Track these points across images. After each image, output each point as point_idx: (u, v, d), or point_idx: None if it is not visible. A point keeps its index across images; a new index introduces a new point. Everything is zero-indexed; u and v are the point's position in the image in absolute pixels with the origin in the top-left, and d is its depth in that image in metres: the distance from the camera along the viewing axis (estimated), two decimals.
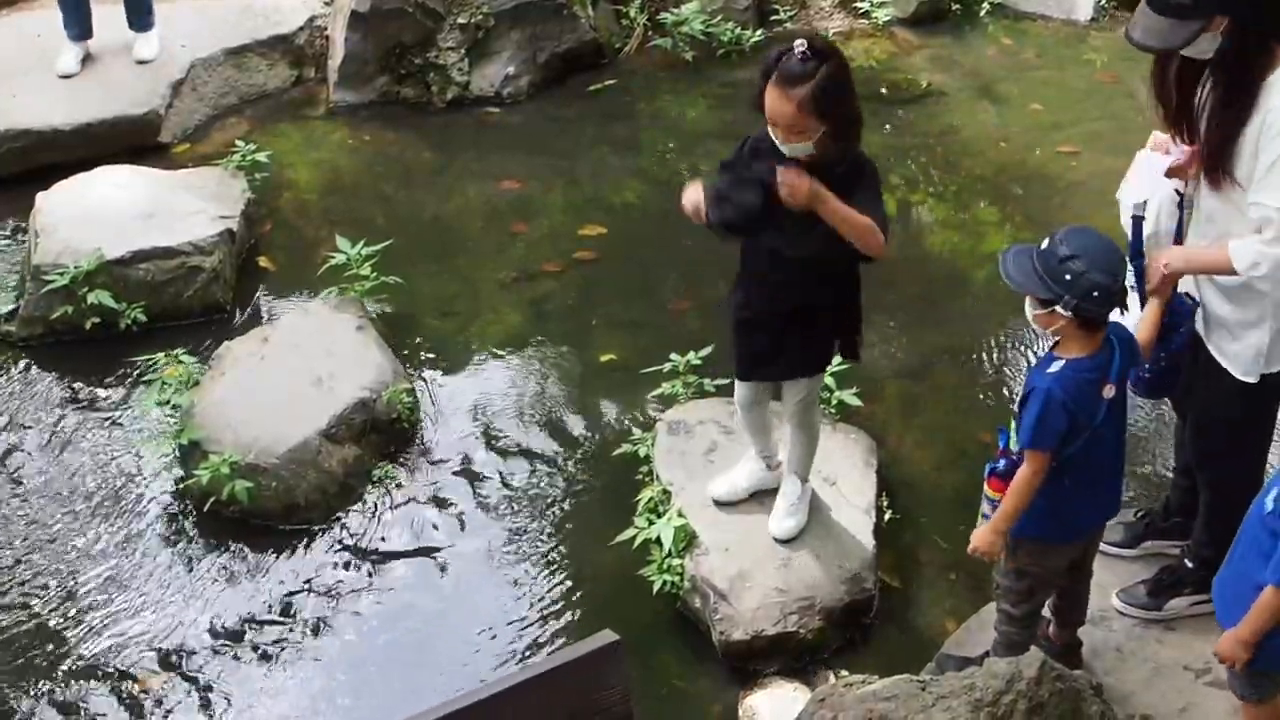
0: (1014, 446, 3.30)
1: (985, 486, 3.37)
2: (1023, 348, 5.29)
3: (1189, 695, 3.57)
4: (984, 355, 5.26)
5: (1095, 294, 3.06)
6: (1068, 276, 3.06)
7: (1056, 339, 3.24)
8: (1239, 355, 3.41)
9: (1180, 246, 3.47)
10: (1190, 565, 3.77)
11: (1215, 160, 3.29)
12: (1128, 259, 3.41)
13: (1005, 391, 5.06)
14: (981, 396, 5.05)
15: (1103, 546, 3.77)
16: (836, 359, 4.07)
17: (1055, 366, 3.18)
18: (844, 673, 3.86)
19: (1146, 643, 3.72)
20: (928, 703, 2.63)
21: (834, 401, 4.61)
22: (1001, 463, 3.31)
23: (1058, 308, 3.09)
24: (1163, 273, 3.38)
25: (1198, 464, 3.69)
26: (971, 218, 6.18)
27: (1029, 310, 3.22)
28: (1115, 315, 3.22)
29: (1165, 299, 3.42)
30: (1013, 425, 3.31)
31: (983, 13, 7.84)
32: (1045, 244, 3.16)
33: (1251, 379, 3.41)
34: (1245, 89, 3.19)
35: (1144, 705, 3.52)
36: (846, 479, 4.33)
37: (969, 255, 5.94)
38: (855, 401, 4.60)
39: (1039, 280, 3.10)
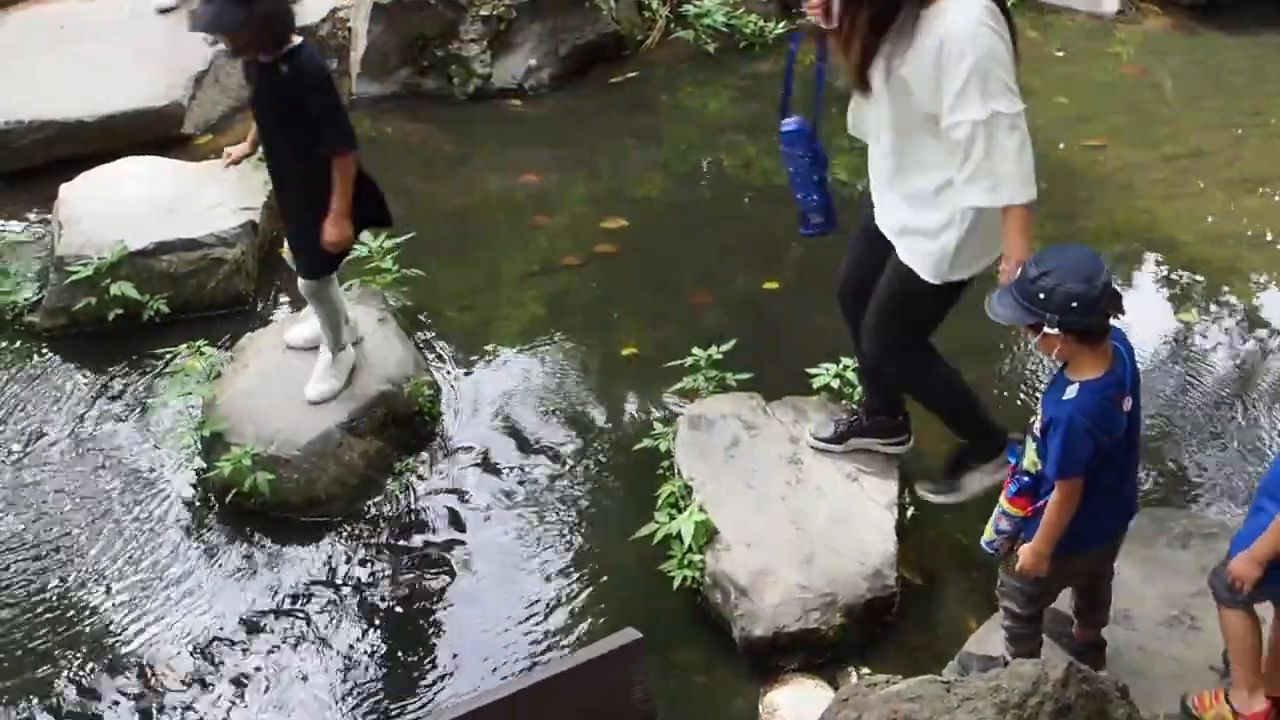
0: (1025, 465, 3.29)
1: (1003, 501, 3.36)
2: None
3: None
4: (1008, 351, 5.23)
5: (1074, 304, 3.02)
6: (1041, 295, 3.05)
7: (1064, 361, 3.20)
8: (928, 258, 3.72)
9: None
10: (866, 418, 4.35)
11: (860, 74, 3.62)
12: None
13: (1029, 388, 5.03)
14: (1005, 392, 5.02)
15: (816, 443, 4.36)
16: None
17: (1071, 392, 3.14)
18: (865, 670, 3.85)
19: (1171, 642, 3.69)
20: (953, 704, 2.61)
21: (855, 396, 4.58)
22: (1019, 481, 3.29)
23: (1046, 329, 3.06)
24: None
25: (874, 353, 4.07)
26: None
27: (1035, 342, 3.18)
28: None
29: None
30: (1028, 445, 3.30)
31: (1009, 5, 7.78)
32: (1019, 273, 3.17)
33: (937, 281, 3.75)
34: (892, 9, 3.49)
35: (1168, 705, 3.50)
36: (869, 475, 4.31)
37: None
38: None
39: (1019, 308, 3.10)
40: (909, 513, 4.34)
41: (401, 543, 4.48)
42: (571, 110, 7.05)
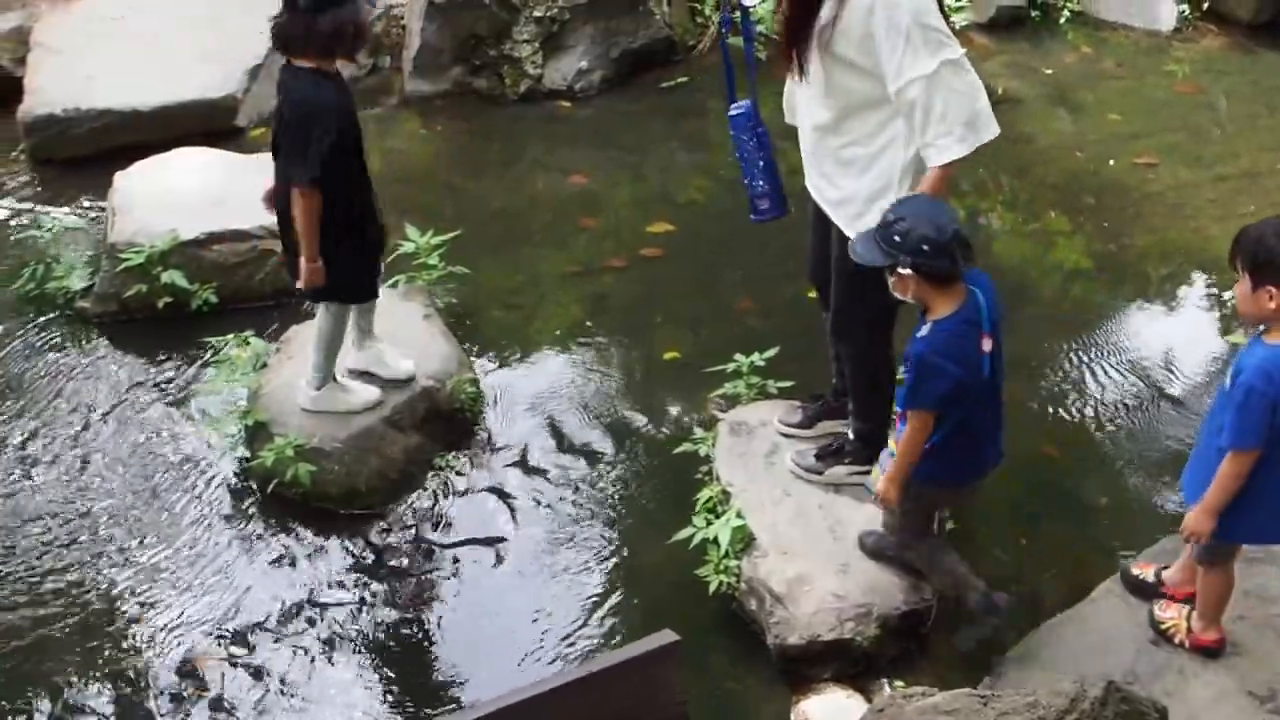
0: None
1: (891, 443, 3.65)
2: (1089, 361, 5.21)
3: None
4: (1049, 367, 5.19)
5: (925, 247, 3.30)
6: (897, 238, 3.33)
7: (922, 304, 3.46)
8: (864, 226, 3.65)
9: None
10: (851, 438, 4.22)
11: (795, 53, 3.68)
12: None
13: (1069, 404, 5.00)
14: (1045, 407, 4.98)
15: (783, 429, 4.38)
16: None
17: (924, 330, 3.42)
18: (899, 683, 3.84)
19: (1209, 666, 3.65)
20: (989, 718, 2.60)
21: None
22: (902, 425, 3.57)
23: (900, 269, 3.35)
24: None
25: (842, 347, 4.10)
26: (1042, 227, 6.11)
27: (892, 283, 3.44)
28: None
29: None
30: None
31: (1062, 20, 7.76)
32: (880, 219, 3.44)
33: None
34: None
35: None
36: None
37: (1037, 264, 5.87)
38: None
39: (878, 249, 3.38)
40: (947, 526, 4.31)
41: (439, 538, 4.51)
42: (621, 113, 7.07)
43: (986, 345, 3.41)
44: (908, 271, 3.34)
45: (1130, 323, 5.47)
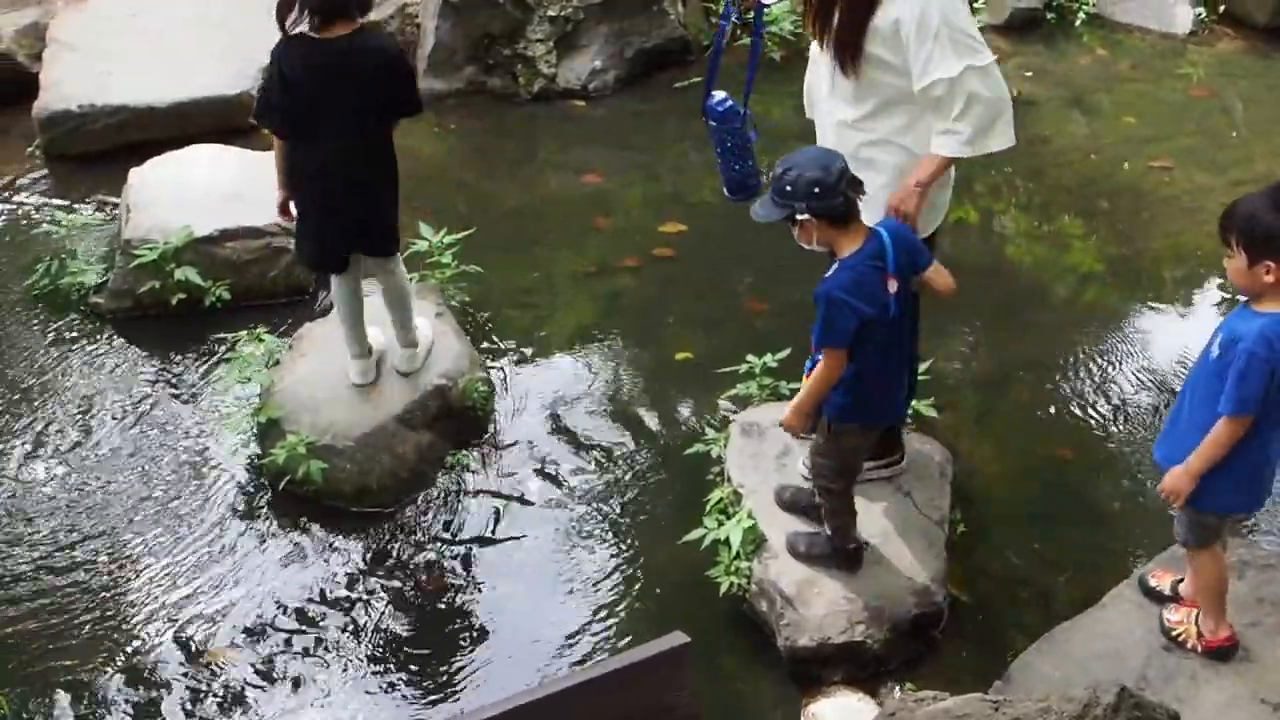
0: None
1: (804, 381, 3.72)
2: (1103, 364, 5.20)
3: None
4: (1063, 368, 5.18)
5: (816, 189, 3.42)
6: (788, 187, 3.45)
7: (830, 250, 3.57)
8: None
9: (902, 190, 3.76)
10: None
11: (844, 51, 3.69)
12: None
13: (1083, 405, 4.98)
14: (1060, 410, 4.97)
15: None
16: None
17: (831, 269, 3.54)
18: (909, 686, 3.83)
19: (1222, 671, 3.64)
20: None
21: (908, 411, 4.56)
22: (814, 359, 3.65)
23: (798, 216, 3.45)
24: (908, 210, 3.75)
25: None
26: (1056, 229, 6.09)
27: (796, 234, 3.53)
28: None
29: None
30: None
31: (1078, 22, 7.73)
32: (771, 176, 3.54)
33: None
34: None
35: None
36: (920, 490, 4.28)
37: (1051, 267, 5.86)
38: (931, 412, 4.54)
39: (774, 205, 3.49)
40: (959, 529, 4.31)
41: (449, 536, 4.51)
42: (634, 113, 7.06)
43: (892, 286, 3.53)
44: (805, 217, 3.46)
45: (1144, 326, 5.45)
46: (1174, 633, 3.67)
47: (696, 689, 3.03)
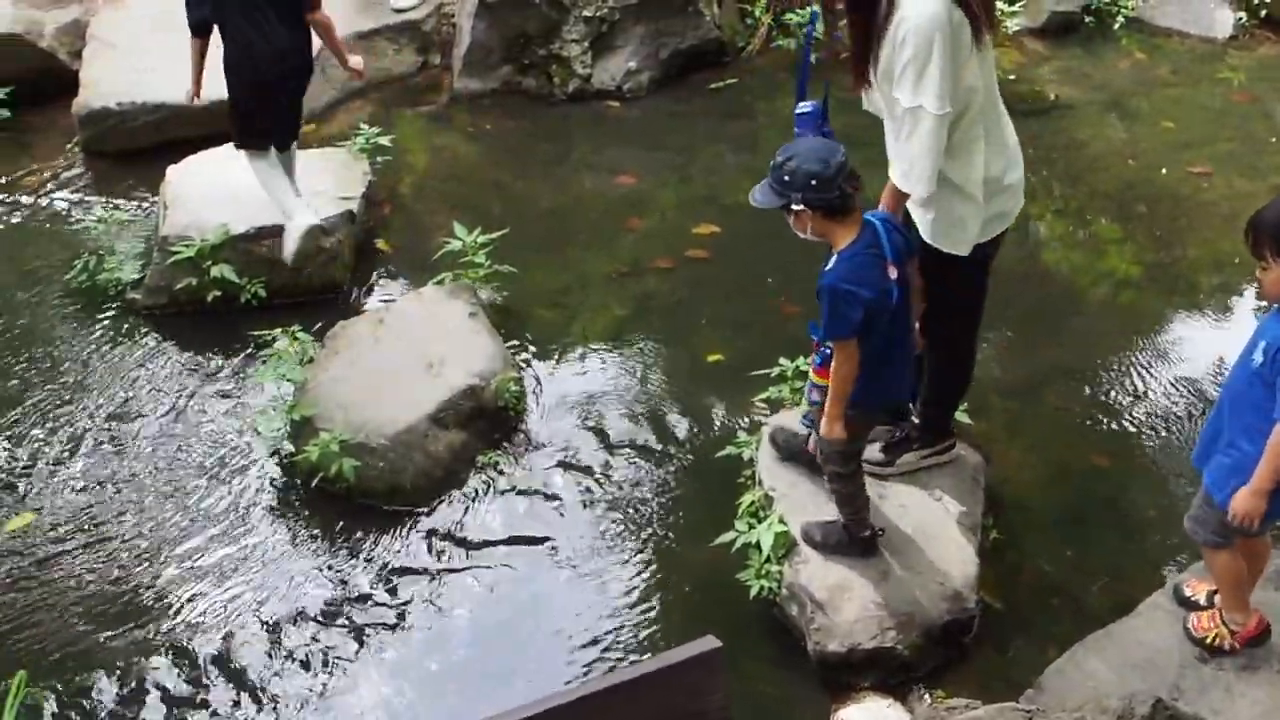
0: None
1: (811, 374, 3.79)
2: (1139, 370, 5.16)
3: None
4: (1097, 375, 5.14)
5: (813, 182, 3.46)
6: (786, 177, 3.49)
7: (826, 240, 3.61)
8: (925, 226, 3.81)
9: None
10: (917, 423, 4.25)
11: (856, 65, 3.72)
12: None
13: (1118, 412, 4.95)
14: (1094, 416, 4.93)
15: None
16: None
17: (830, 264, 3.57)
18: (939, 692, 3.81)
19: (1255, 684, 3.60)
20: None
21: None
22: (822, 354, 3.70)
23: (794, 207, 3.50)
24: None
25: (926, 331, 4.00)
26: (1092, 234, 6.05)
27: (791, 222, 3.58)
28: None
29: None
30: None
31: (1116, 26, 7.68)
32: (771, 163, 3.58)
33: (947, 249, 3.80)
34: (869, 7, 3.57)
35: None
36: (952, 495, 4.26)
37: (1087, 272, 5.82)
38: (964, 418, 4.52)
39: (772, 192, 3.54)
40: (992, 535, 4.29)
41: (480, 536, 4.52)
42: (669, 114, 7.06)
43: (892, 273, 3.57)
44: (801, 208, 3.50)
45: (1181, 333, 5.41)
46: (1206, 639, 3.64)
47: (728, 693, 3.02)
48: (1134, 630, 3.79)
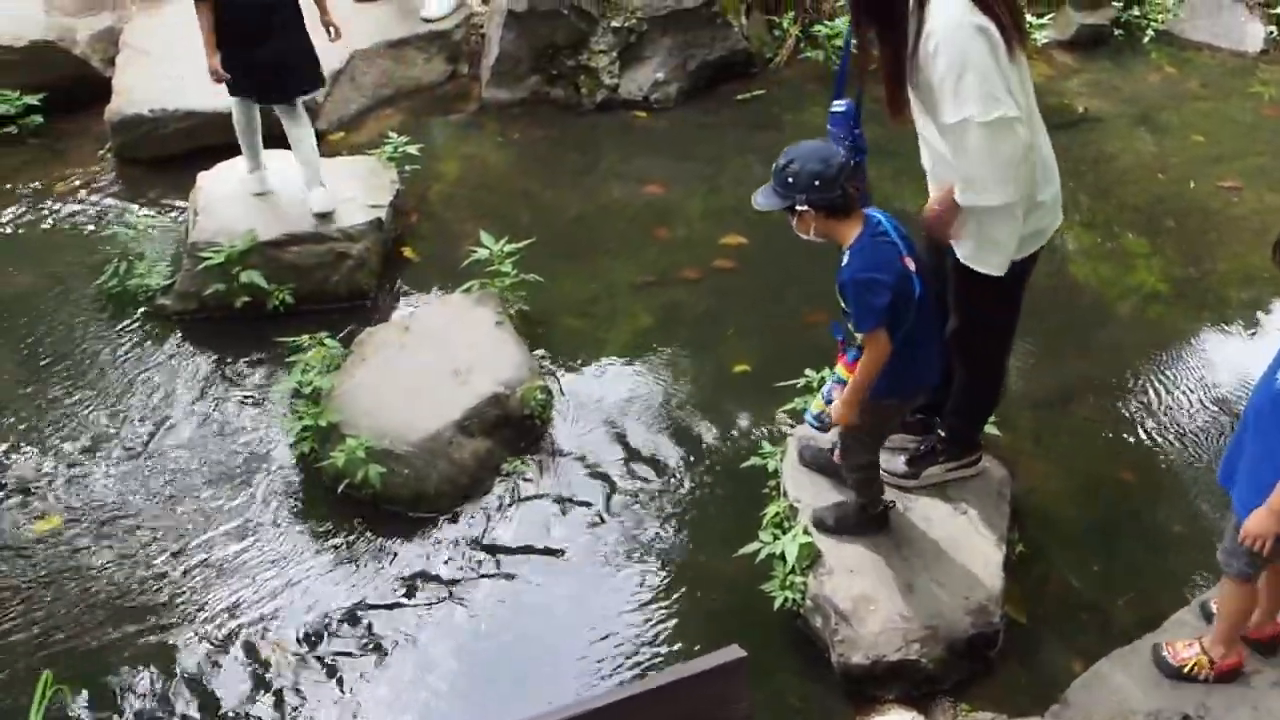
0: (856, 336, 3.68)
1: (840, 369, 3.76)
2: (1166, 385, 5.13)
3: None
4: (1125, 388, 5.12)
5: (816, 182, 3.52)
6: (790, 179, 3.55)
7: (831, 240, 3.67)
8: (960, 246, 3.78)
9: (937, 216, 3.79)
10: (943, 435, 4.24)
11: (892, 97, 3.69)
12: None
13: (1146, 426, 4.92)
14: (1121, 431, 4.91)
15: (888, 480, 4.23)
16: None
17: (844, 259, 3.61)
18: (964, 705, 3.80)
19: None
20: None
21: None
22: (850, 352, 3.72)
23: (798, 208, 3.56)
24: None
25: (960, 353, 4.03)
26: (1120, 248, 6.02)
27: (794, 224, 3.64)
28: None
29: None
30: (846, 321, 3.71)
31: (1146, 39, 7.66)
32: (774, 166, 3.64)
33: (978, 268, 3.76)
34: (890, 16, 3.54)
35: None
36: (978, 509, 4.24)
37: (1115, 285, 5.79)
38: (992, 430, 4.50)
39: (775, 195, 3.60)
40: (1017, 549, 4.27)
41: (504, 544, 4.53)
42: (696, 124, 7.07)
43: (910, 265, 3.60)
44: (805, 208, 3.56)
45: (1208, 348, 5.38)
46: (1185, 669, 3.59)
47: (752, 704, 3.02)
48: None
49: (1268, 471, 3.20)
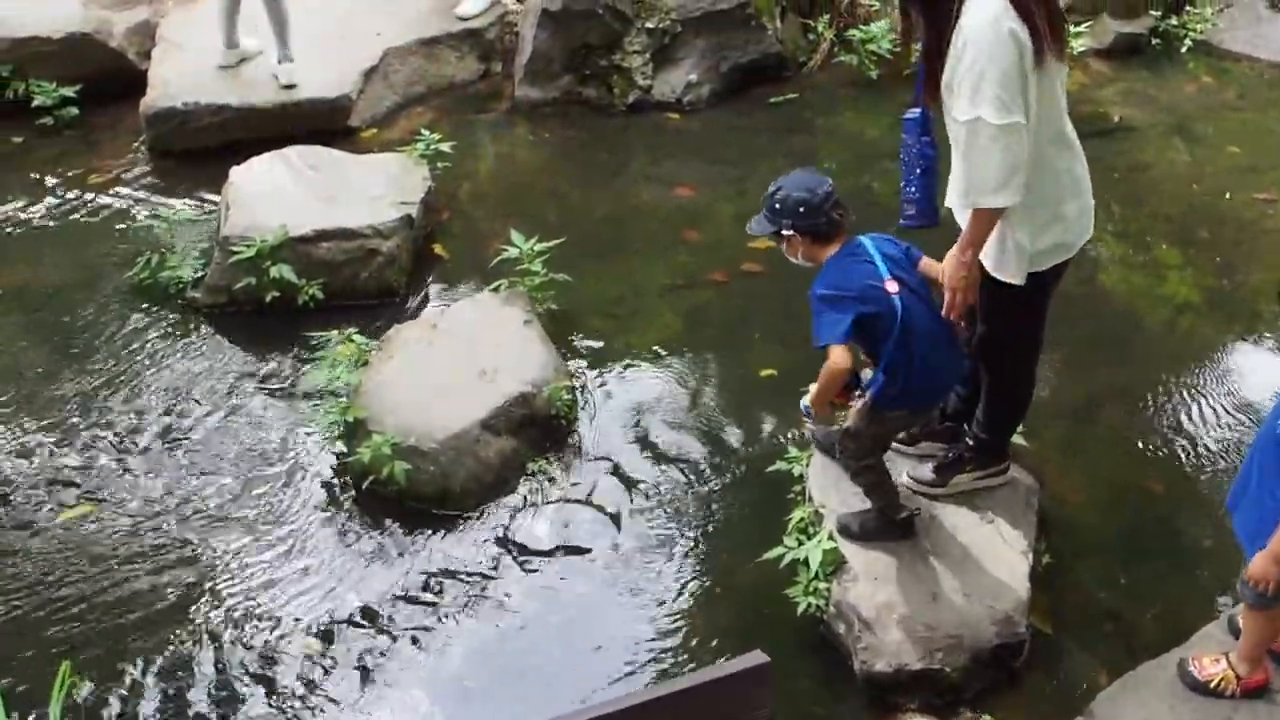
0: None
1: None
2: (1196, 397, 5.09)
3: None
4: (1154, 399, 5.08)
5: (801, 209, 3.72)
6: (777, 205, 3.76)
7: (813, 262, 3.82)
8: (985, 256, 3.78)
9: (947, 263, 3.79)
10: (970, 444, 4.25)
11: (928, 78, 3.70)
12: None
13: (1174, 438, 4.88)
14: (1150, 442, 4.87)
15: (913, 486, 4.29)
16: None
17: (817, 277, 3.77)
18: (987, 716, 3.78)
19: None
20: None
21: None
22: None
23: (784, 232, 3.76)
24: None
25: (987, 363, 4.06)
26: (1152, 258, 5.98)
27: (784, 249, 3.83)
28: None
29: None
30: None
31: (1184, 49, 7.60)
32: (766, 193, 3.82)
33: (1001, 277, 3.78)
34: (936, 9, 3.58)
35: None
36: (1005, 518, 4.22)
37: (1146, 296, 5.75)
38: (1019, 439, 4.47)
39: (765, 220, 3.80)
40: (1044, 559, 4.24)
41: (528, 543, 4.53)
42: (728, 127, 7.06)
43: (892, 287, 3.70)
44: (790, 233, 3.75)
45: (1239, 360, 5.34)
46: (1213, 684, 3.57)
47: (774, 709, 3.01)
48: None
49: (1270, 513, 3.20)
